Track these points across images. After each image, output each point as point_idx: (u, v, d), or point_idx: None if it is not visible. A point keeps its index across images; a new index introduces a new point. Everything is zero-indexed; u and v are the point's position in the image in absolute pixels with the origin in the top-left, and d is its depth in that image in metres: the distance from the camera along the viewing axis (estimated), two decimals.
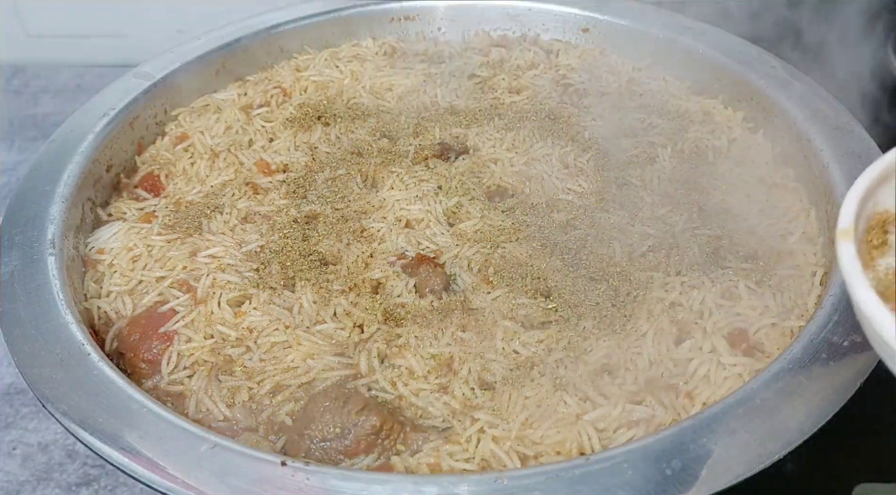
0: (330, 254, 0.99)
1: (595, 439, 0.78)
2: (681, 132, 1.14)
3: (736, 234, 0.98)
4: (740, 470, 0.69)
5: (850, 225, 0.55)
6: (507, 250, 0.97)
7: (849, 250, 0.53)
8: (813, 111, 1.09)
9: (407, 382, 0.84)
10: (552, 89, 1.25)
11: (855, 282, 0.51)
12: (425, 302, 0.92)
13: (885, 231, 0.58)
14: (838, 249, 0.53)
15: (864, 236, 0.58)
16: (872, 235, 0.58)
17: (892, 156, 0.61)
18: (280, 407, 0.83)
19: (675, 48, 1.29)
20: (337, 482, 0.70)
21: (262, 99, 1.26)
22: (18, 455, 1.11)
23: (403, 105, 1.24)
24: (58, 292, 0.89)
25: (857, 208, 0.56)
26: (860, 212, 0.57)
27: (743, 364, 0.84)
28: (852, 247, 0.53)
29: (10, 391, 1.19)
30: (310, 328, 0.90)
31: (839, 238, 0.54)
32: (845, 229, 0.54)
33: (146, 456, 0.73)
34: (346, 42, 1.39)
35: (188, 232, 1.02)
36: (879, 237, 0.58)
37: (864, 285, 0.50)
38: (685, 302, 0.90)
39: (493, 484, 0.69)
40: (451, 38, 1.42)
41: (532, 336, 0.87)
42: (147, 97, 1.21)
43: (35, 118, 1.79)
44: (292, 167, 1.13)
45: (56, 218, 0.99)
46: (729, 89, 1.22)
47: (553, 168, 1.09)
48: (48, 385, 0.79)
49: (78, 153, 1.08)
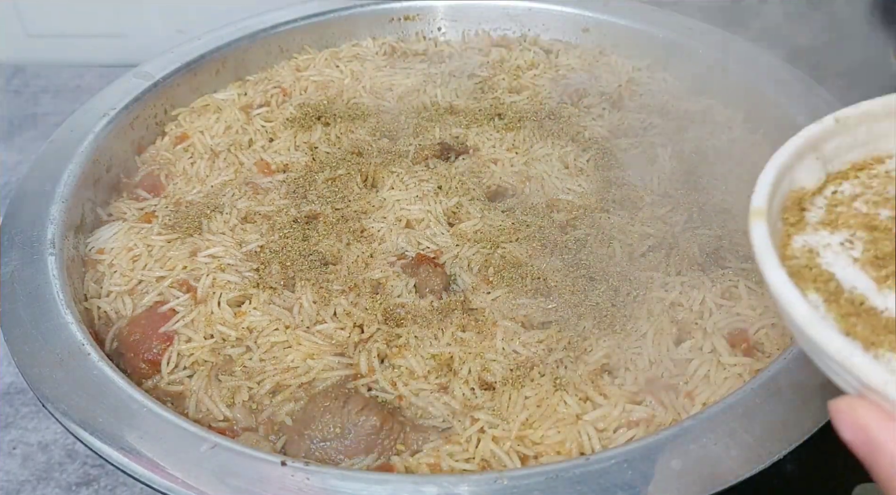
0: (330, 254, 0.99)
1: (595, 439, 0.78)
2: (681, 132, 1.14)
3: (736, 234, 0.98)
4: (740, 470, 0.69)
5: (764, 204, 0.54)
6: (507, 250, 0.97)
7: (761, 229, 0.52)
8: (813, 111, 1.09)
9: (407, 382, 0.84)
10: (552, 89, 1.25)
11: (766, 261, 0.50)
12: (425, 302, 0.92)
13: (802, 209, 0.58)
14: (751, 229, 0.53)
15: (781, 214, 0.57)
16: (789, 214, 0.58)
17: (805, 133, 0.61)
18: (280, 407, 0.83)
19: (675, 48, 1.29)
20: (337, 482, 0.70)
21: (262, 99, 1.26)
22: (18, 454, 1.11)
23: (403, 105, 1.24)
24: (58, 292, 0.89)
25: (770, 188, 0.55)
26: (774, 191, 0.56)
27: (743, 364, 0.84)
28: (764, 226, 0.52)
29: (10, 391, 1.19)
30: (310, 328, 0.90)
31: (752, 218, 0.53)
32: (758, 208, 0.54)
33: (146, 456, 0.73)
34: (346, 42, 1.39)
35: (188, 232, 1.02)
36: (796, 215, 0.57)
37: (774, 265, 0.50)
38: (685, 302, 0.90)
39: (493, 484, 0.69)
40: (451, 38, 1.42)
41: (532, 336, 0.87)
42: (147, 97, 1.21)
43: (35, 118, 1.79)
44: (292, 167, 1.13)
45: (56, 218, 0.99)
46: (729, 89, 1.22)
47: (553, 168, 1.09)
48: (48, 385, 0.79)
49: (78, 153, 1.08)
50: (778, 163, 0.58)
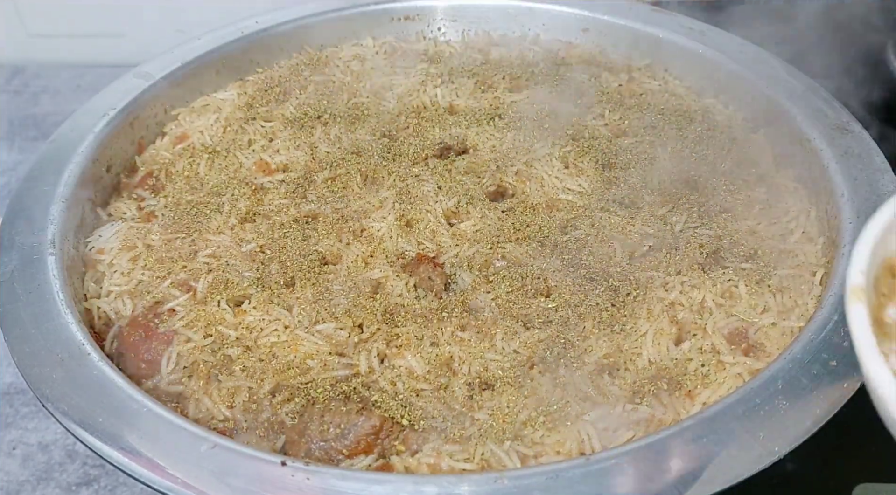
0: (330, 254, 0.99)
1: (595, 439, 0.78)
2: (681, 132, 1.14)
3: (736, 234, 0.98)
4: (740, 470, 0.69)
5: (862, 281, 0.47)
6: (507, 250, 0.97)
7: (860, 312, 0.46)
8: (813, 111, 1.09)
9: (407, 382, 0.84)
10: (552, 89, 1.25)
11: (865, 349, 0.45)
12: (425, 301, 0.92)
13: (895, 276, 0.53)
14: (848, 310, 0.47)
15: (874, 285, 0.52)
16: (881, 283, 0.52)
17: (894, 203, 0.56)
18: (280, 407, 0.83)
19: (675, 48, 1.29)
20: (337, 482, 0.70)
21: (262, 99, 1.26)
22: (18, 455, 1.11)
23: (403, 105, 1.23)
24: (58, 292, 0.89)
25: (867, 264, 0.50)
26: (870, 265, 0.51)
27: (743, 364, 0.84)
28: (864, 309, 0.46)
29: (10, 391, 1.19)
30: (310, 328, 0.90)
31: (850, 297, 0.47)
32: (856, 286, 0.47)
33: (146, 456, 0.73)
34: (346, 42, 1.39)
35: (188, 232, 1.02)
36: (888, 285, 0.52)
37: (874, 355, 0.45)
38: (685, 302, 0.90)
39: (493, 484, 0.69)
40: (451, 38, 1.42)
41: (532, 336, 0.87)
42: (147, 97, 1.21)
43: (35, 118, 1.79)
44: (292, 167, 1.13)
45: (56, 218, 0.99)
46: (729, 89, 1.22)
47: (553, 168, 1.09)
48: (48, 385, 0.80)
49: (78, 153, 1.08)
50: (871, 235, 0.54)
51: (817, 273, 0.93)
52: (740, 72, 1.20)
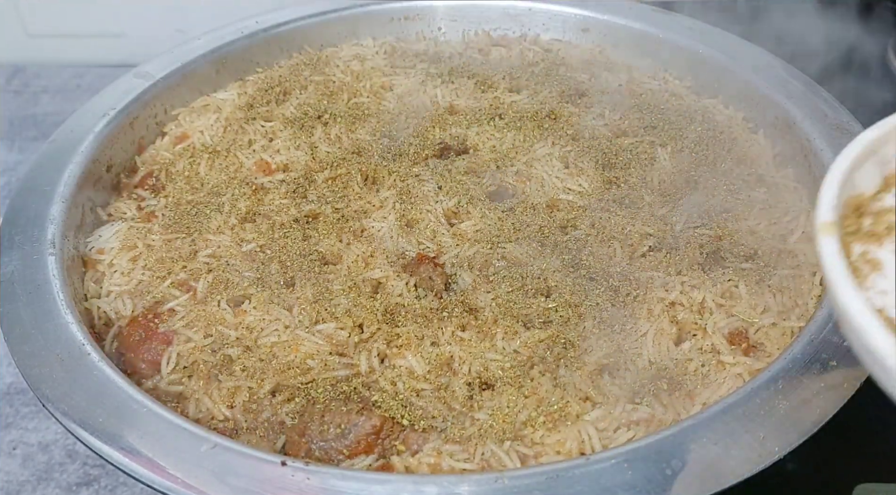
0: (330, 254, 0.99)
1: (595, 439, 0.78)
2: (681, 132, 1.14)
3: (736, 234, 0.98)
4: (740, 470, 0.69)
5: (832, 217, 0.49)
6: (507, 250, 0.97)
7: (831, 246, 0.47)
8: (813, 111, 1.09)
9: (407, 382, 0.84)
10: (552, 89, 1.25)
11: (839, 284, 0.46)
12: (425, 302, 0.92)
13: (860, 215, 0.54)
14: (820, 245, 0.48)
15: (842, 223, 0.53)
16: (849, 221, 0.53)
17: (862, 139, 0.57)
18: (280, 407, 0.83)
19: (675, 48, 1.29)
20: (337, 482, 0.70)
21: (262, 99, 1.26)
22: (18, 455, 1.11)
23: (403, 105, 1.23)
24: (58, 292, 0.89)
25: (836, 199, 0.51)
26: (839, 201, 0.52)
27: (743, 364, 0.84)
28: (835, 242, 0.47)
29: (10, 391, 1.19)
30: (310, 328, 0.90)
31: (820, 232, 0.48)
32: (826, 223, 0.49)
33: (146, 456, 0.73)
34: (346, 42, 1.39)
35: (188, 232, 1.02)
36: (854, 223, 0.53)
37: (849, 289, 0.45)
38: (685, 302, 0.90)
39: (493, 484, 0.69)
40: (451, 38, 1.42)
41: (532, 336, 0.87)
42: (147, 97, 1.21)
43: (35, 118, 1.79)
44: (292, 167, 1.13)
45: (56, 218, 0.99)
46: (729, 89, 1.22)
47: (553, 168, 1.09)
48: (48, 385, 0.80)
49: (78, 153, 1.08)
50: (840, 171, 0.54)
51: (817, 273, 0.93)
52: (740, 72, 1.20)
